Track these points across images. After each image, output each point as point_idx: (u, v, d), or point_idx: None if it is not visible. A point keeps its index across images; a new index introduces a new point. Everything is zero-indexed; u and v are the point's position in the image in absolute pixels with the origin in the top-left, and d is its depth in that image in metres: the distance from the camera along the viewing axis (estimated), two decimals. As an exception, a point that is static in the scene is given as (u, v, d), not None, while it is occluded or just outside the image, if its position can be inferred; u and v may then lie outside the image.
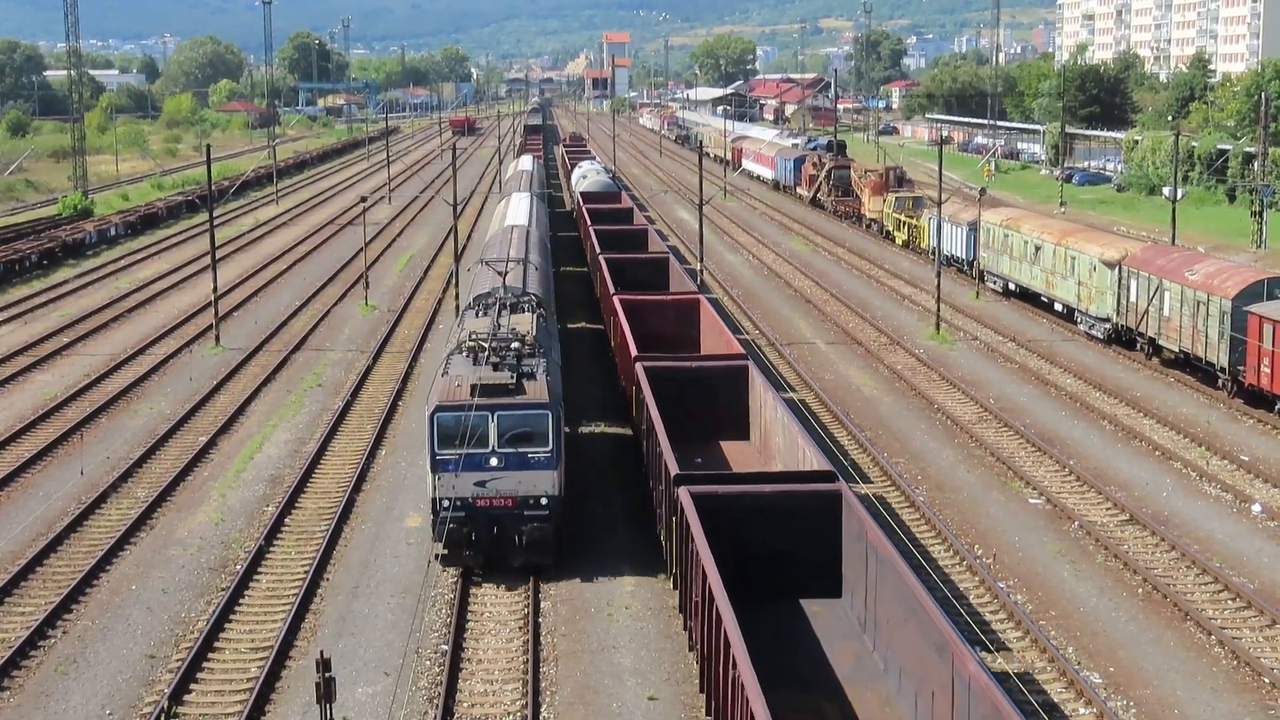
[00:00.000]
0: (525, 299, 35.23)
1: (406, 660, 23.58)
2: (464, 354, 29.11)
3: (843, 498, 23.88)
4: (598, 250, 55.70)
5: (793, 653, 21.70)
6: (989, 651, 23.64)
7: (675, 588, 25.54)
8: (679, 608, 25.02)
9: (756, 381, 32.91)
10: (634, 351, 35.51)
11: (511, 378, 27.21)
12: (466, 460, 26.42)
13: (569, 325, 53.32)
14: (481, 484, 26.69)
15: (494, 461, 26.67)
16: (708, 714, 20.69)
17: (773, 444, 30.56)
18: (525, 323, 32.07)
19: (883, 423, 39.61)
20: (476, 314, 34.12)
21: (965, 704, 16.73)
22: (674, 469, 25.28)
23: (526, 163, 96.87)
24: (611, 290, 45.29)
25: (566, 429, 30.92)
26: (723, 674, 18.72)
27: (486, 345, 28.72)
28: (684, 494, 23.82)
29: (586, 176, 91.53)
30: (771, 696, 16.29)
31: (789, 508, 24.05)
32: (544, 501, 26.80)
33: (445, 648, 24.11)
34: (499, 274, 37.27)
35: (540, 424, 26.81)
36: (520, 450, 26.73)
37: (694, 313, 42.86)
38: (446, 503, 26.61)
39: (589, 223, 66.04)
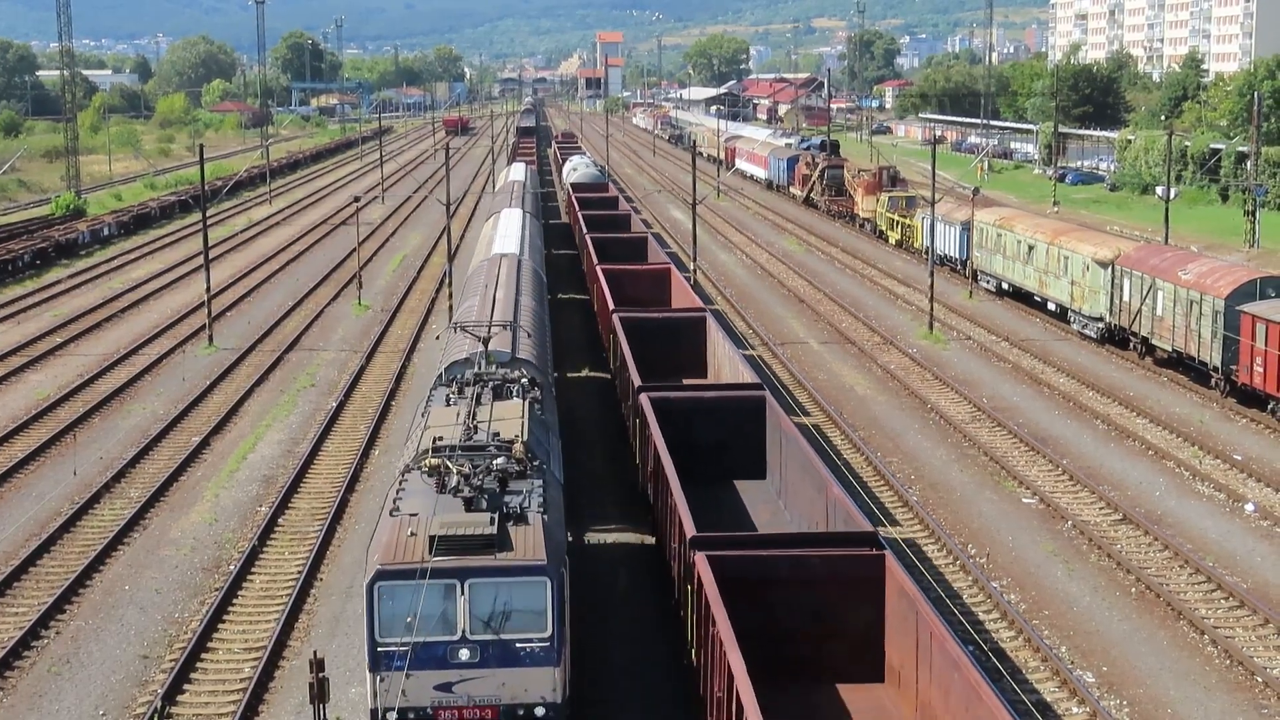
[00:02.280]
0: (515, 376, 26.81)
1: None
2: (424, 474, 20.61)
3: (766, 401, 29.54)
4: (585, 231, 61.79)
5: (723, 516, 27.07)
6: (982, 651, 23.68)
7: (638, 467, 30.77)
8: (639, 485, 30.59)
9: (712, 329, 38.90)
10: (611, 306, 41.44)
11: (492, 523, 18.70)
12: (423, 653, 18.30)
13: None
14: (446, 688, 18.46)
15: (465, 654, 18.43)
16: (653, 532, 27.57)
17: (723, 377, 35.96)
18: (514, 416, 23.44)
19: (876, 422, 39.63)
20: (448, 398, 25.43)
21: (833, 519, 22.76)
22: (637, 382, 31.14)
23: (518, 171, 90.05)
24: (595, 262, 51.32)
25: (570, 537, 23.54)
26: (664, 505, 24.78)
27: (454, 467, 20.32)
28: (644, 398, 29.32)
29: (577, 169, 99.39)
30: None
31: (725, 409, 29.97)
32: (540, 712, 18.58)
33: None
34: (480, 339, 28.40)
35: (535, 597, 18.45)
36: (504, 637, 18.45)
37: (666, 279, 49.84)
38: (394, 716, 18.34)
39: (578, 209, 72.38)
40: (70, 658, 24.14)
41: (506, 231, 53.50)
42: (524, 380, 26.47)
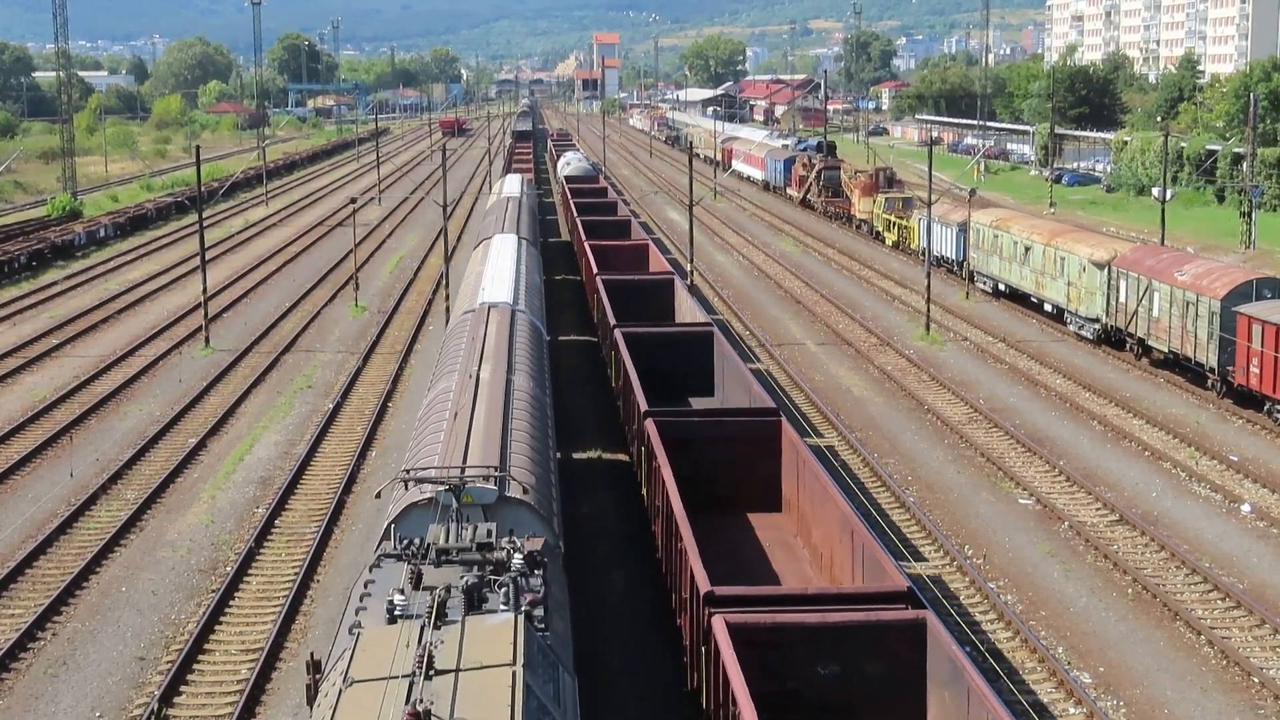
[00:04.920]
0: (502, 555, 16.24)
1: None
2: None
3: (714, 336, 37.33)
4: (576, 216, 69.39)
5: None
6: (978, 653, 23.70)
7: (614, 385, 37.54)
8: (615, 399, 37.17)
9: (679, 288, 46.73)
10: (595, 270, 49.38)
11: None
12: None
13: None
14: None
15: None
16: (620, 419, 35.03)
17: None
18: (499, 660, 13.13)
19: (872, 423, 39.64)
20: (391, 606, 14.74)
21: (753, 404, 30.11)
22: (613, 322, 38.43)
23: (513, 185, 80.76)
24: (584, 239, 58.82)
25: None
26: (630, 399, 30.97)
27: None
28: (617, 333, 36.74)
29: (570, 163, 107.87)
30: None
31: (682, 342, 37.82)
32: None
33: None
34: (449, 489, 18.54)
35: None
36: None
37: (644, 253, 58.02)
38: None
39: (570, 198, 79.85)
40: (67, 659, 24.12)
41: (498, 269, 44.30)
42: (518, 559, 16.04)
